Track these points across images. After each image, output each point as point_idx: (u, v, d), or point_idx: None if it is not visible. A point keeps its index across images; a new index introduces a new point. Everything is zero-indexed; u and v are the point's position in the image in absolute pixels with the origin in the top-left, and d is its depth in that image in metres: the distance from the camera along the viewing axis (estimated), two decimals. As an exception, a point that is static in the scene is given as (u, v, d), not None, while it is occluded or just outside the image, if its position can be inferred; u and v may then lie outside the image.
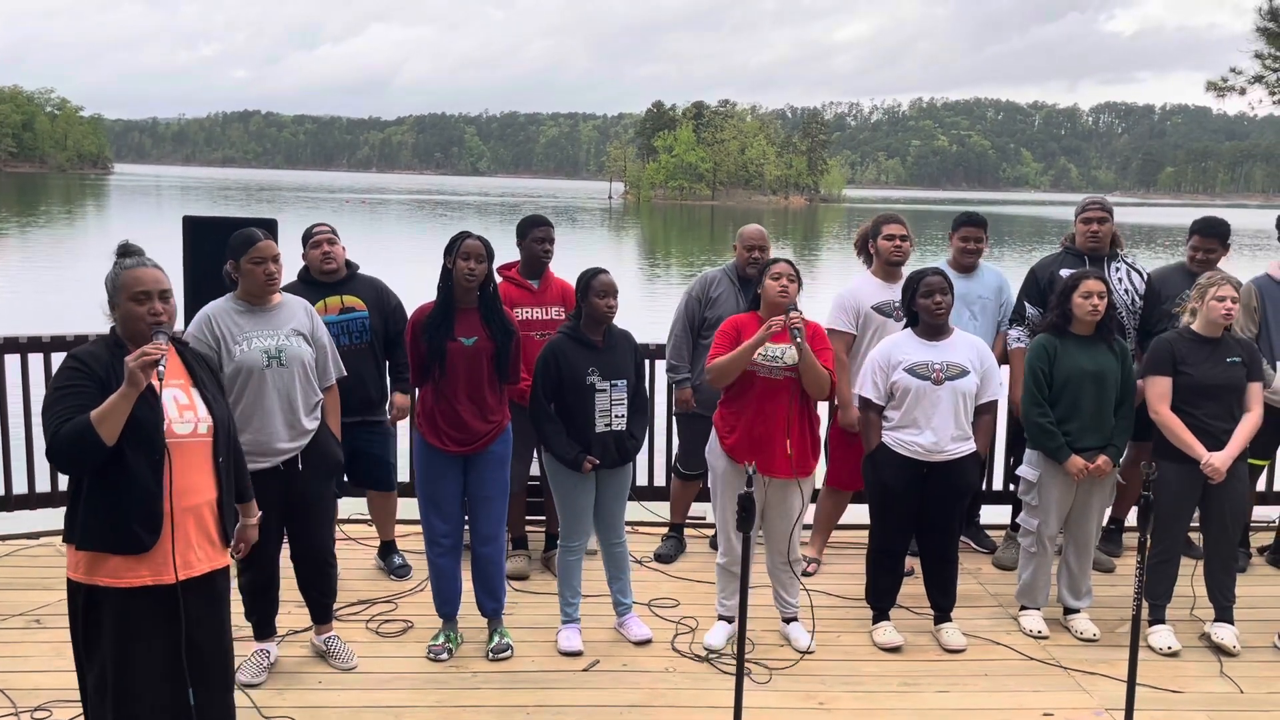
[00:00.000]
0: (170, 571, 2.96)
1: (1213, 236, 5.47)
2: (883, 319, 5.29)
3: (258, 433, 4.04)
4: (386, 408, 5.30)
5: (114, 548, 2.90)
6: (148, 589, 2.95)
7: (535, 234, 5.23)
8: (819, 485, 5.51)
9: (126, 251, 3.06)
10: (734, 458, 4.50)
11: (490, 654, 4.45)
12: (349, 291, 5.09)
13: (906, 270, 5.45)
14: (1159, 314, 5.43)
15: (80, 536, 2.92)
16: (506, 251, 4.53)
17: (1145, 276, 5.52)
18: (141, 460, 2.90)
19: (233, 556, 3.26)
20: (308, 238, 5.12)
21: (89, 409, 2.81)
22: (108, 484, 2.89)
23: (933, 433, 4.51)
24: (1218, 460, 4.55)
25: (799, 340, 4.32)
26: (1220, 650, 4.64)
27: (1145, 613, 4.67)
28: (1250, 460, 4.87)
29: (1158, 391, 4.67)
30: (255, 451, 3.99)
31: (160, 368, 2.83)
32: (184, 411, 3.01)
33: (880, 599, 4.77)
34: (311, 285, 5.04)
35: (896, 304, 5.30)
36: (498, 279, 5.31)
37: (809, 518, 5.30)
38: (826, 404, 5.35)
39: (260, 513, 3.47)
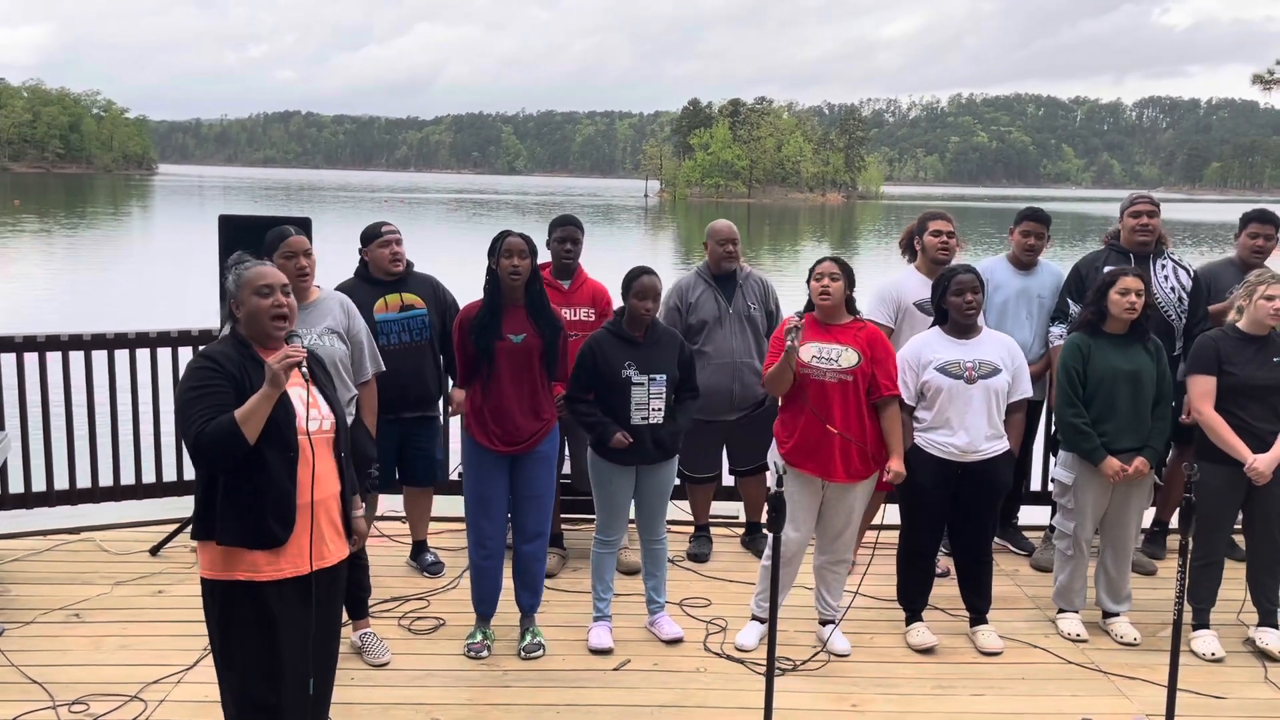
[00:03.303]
0: (307, 563, 3.06)
1: (1270, 223, 5.41)
2: (924, 317, 5.22)
3: None
4: (442, 403, 5.36)
5: (252, 543, 2.99)
6: (286, 580, 3.04)
7: (556, 234, 5.25)
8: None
9: (242, 260, 3.16)
10: (791, 463, 4.43)
11: (522, 653, 4.45)
12: (408, 289, 5.13)
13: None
14: (1204, 312, 5.33)
15: (220, 532, 2.99)
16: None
17: (1192, 274, 5.42)
18: (276, 457, 2.98)
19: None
20: (374, 236, 5.12)
21: (227, 407, 2.91)
22: (243, 481, 2.97)
23: (966, 432, 4.44)
24: (1261, 463, 4.45)
25: (791, 342, 4.23)
26: (1265, 655, 4.54)
27: (1188, 617, 4.58)
28: None
29: (1201, 391, 4.57)
30: None
31: (302, 369, 2.97)
32: (309, 409, 3.08)
33: (912, 600, 4.71)
34: (371, 283, 5.09)
35: None
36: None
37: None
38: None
39: (364, 505, 3.54)
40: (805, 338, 4.38)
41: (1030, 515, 6.02)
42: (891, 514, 5.86)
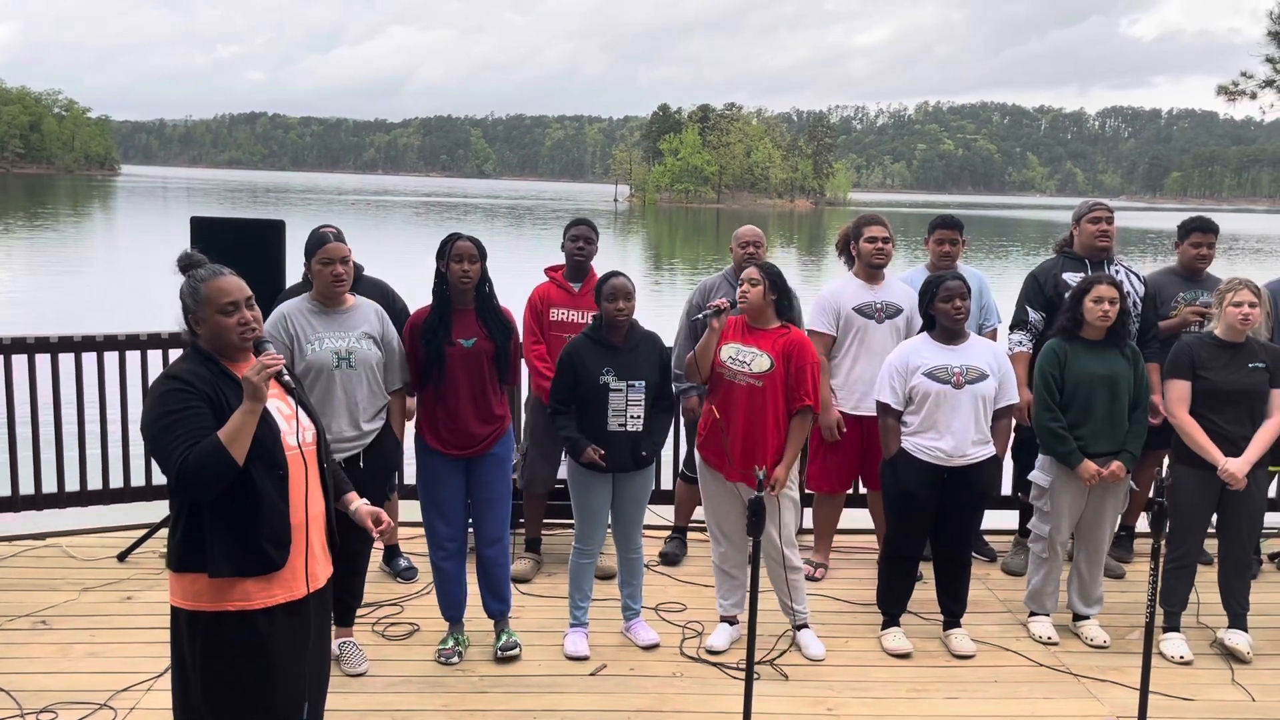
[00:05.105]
0: (302, 586, 2.90)
1: (1210, 231, 5.51)
2: (864, 320, 5.28)
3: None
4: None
5: (246, 570, 2.78)
6: (277, 606, 2.86)
7: (571, 233, 5.34)
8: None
9: (194, 262, 2.90)
10: (701, 455, 4.63)
11: (498, 651, 4.43)
12: (352, 292, 5.06)
13: (891, 272, 5.46)
14: (1154, 319, 5.43)
15: (210, 564, 2.77)
16: (496, 252, 4.55)
17: (1144, 280, 5.51)
18: (265, 477, 2.79)
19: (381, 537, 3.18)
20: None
21: (207, 430, 2.71)
22: (232, 505, 2.76)
23: (953, 437, 4.48)
24: (1234, 466, 4.52)
25: (704, 316, 4.45)
26: (1233, 656, 4.61)
27: (1159, 620, 4.63)
28: (1270, 467, 4.82)
29: (1175, 395, 4.64)
30: None
31: (283, 378, 2.84)
32: (289, 422, 2.91)
33: (893, 604, 4.75)
34: None
35: (878, 305, 5.30)
36: (543, 278, 5.35)
37: (801, 524, 5.23)
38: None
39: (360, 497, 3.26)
40: (729, 338, 4.50)
41: (993, 519, 6.05)
42: (859, 518, 5.93)
